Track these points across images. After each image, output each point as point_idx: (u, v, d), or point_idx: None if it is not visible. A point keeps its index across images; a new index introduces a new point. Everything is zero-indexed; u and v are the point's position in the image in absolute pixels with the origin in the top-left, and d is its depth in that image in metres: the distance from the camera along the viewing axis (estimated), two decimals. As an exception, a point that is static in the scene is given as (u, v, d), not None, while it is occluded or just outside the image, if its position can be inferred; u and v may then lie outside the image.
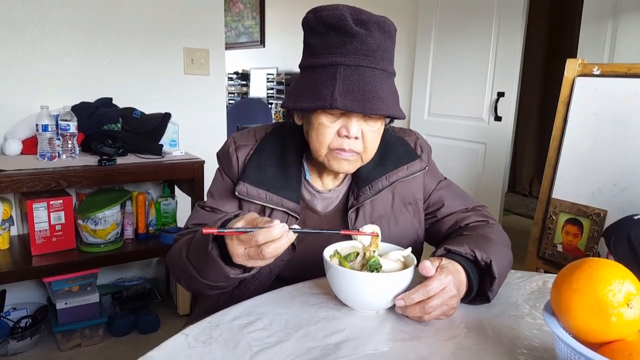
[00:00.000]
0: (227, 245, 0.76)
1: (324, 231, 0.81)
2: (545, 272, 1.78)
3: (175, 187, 2.36)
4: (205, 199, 1.08)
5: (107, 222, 2.02)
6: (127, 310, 2.22)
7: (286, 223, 0.96)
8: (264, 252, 0.72)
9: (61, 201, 1.96)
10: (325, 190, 1.03)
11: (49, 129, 1.90)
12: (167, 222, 2.26)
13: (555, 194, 1.77)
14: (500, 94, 2.93)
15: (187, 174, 2.08)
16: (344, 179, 1.04)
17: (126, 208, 2.13)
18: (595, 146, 1.68)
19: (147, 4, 2.30)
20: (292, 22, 4.82)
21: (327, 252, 0.83)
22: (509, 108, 2.92)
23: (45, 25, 2.08)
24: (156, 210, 2.23)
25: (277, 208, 0.97)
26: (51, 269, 1.91)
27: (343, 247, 0.86)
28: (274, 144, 1.03)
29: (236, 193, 0.97)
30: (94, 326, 2.10)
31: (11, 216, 2.03)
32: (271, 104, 4.96)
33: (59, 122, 1.94)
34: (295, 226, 0.76)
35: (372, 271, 0.78)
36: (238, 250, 0.75)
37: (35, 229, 1.92)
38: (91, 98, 2.20)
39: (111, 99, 2.23)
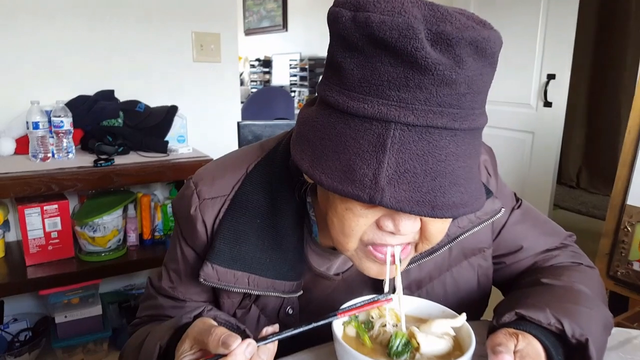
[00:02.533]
0: None
1: (311, 326, 0.53)
2: (613, 293, 1.48)
3: (185, 186, 2.15)
4: (161, 276, 0.76)
5: (106, 229, 1.82)
6: (134, 323, 2.04)
7: (283, 303, 0.68)
8: None
9: (56, 206, 1.76)
10: None
11: (40, 127, 1.72)
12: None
13: (631, 200, 1.45)
14: (551, 77, 2.58)
15: (195, 174, 1.86)
16: None
17: (129, 212, 1.93)
18: (684, 141, 1.36)
19: (150, -16, 2.07)
20: (317, 2, 4.51)
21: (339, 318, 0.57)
22: (560, 92, 2.57)
23: (37, 12, 1.87)
24: (163, 213, 2.02)
25: (267, 294, 0.67)
26: (47, 280, 1.73)
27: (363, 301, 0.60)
28: (258, 193, 0.67)
29: (201, 280, 0.65)
30: (97, 340, 1.93)
31: (6, 221, 1.86)
32: (294, 91, 4.69)
33: (52, 118, 1.75)
34: (268, 329, 0.51)
35: (403, 356, 0.52)
36: None
37: (29, 237, 1.74)
38: (90, 91, 2.00)
39: (112, 91, 2.03)
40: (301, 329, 0.52)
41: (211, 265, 0.64)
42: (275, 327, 0.53)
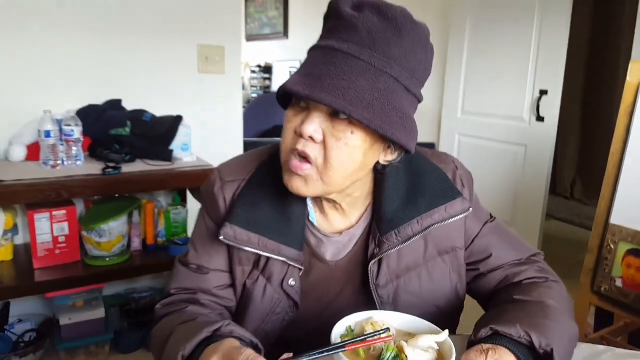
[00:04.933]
0: None
1: (326, 353, 0.60)
2: (598, 309, 1.56)
3: (188, 192, 2.21)
4: (188, 252, 0.88)
5: (112, 234, 1.88)
6: (135, 325, 2.10)
7: (286, 274, 0.79)
8: None
9: (65, 211, 1.83)
10: (335, 234, 0.84)
11: (52, 135, 1.77)
12: (177, 232, 2.11)
13: (615, 219, 1.52)
14: (543, 92, 2.66)
15: (198, 182, 1.90)
16: (360, 217, 0.84)
17: (133, 218, 1.99)
18: (665, 164, 1.44)
19: (158, -1, 2.14)
20: (317, 13, 4.58)
21: (338, 328, 0.65)
22: (552, 107, 2.65)
23: (50, 23, 1.93)
24: (166, 219, 2.09)
25: (274, 257, 0.79)
26: (54, 283, 1.79)
27: (359, 320, 0.67)
28: (270, 176, 0.82)
29: (221, 237, 0.77)
30: (99, 342, 1.99)
31: (15, 225, 1.92)
32: (295, 99, 4.78)
33: (63, 127, 1.81)
34: (284, 356, 0.59)
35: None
36: None
37: (38, 241, 1.79)
38: (100, 100, 2.06)
39: (120, 100, 2.09)
40: (313, 357, 0.59)
41: (230, 226, 0.77)
42: (290, 355, 0.60)
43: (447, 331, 0.64)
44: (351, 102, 0.65)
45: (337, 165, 0.70)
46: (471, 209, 0.82)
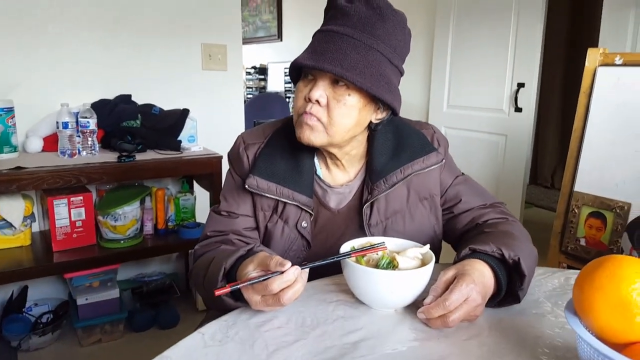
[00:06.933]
0: (243, 294, 0.76)
1: (336, 258, 0.78)
2: (568, 266, 1.75)
3: (194, 182, 2.37)
4: (220, 203, 1.06)
5: (126, 218, 2.04)
6: (147, 306, 2.24)
7: (300, 217, 0.98)
8: (281, 299, 0.72)
9: (81, 197, 1.97)
10: (337, 185, 1.02)
11: (69, 127, 1.91)
12: (186, 218, 2.27)
13: (578, 187, 1.72)
14: (521, 85, 2.87)
15: (206, 169, 2.09)
16: (357, 173, 1.03)
17: (145, 204, 2.15)
18: (618, 137, 1.64)
19: (165, 1, 2.30)
20: (310, 15, 4.79)
21: (344, 248, 0.83)
22: (529, 99, 2.86)
23: (64, 23, 2.09)
24: (175, 205, 2.25)
25: (289, 202, 0.97)
26: (72, 264, 1.94)
27: (360, 243, 0.85)
28: (284, 139, 1.01)
29: (246, 186, 0.95)
30: (114, 321, 2.11)
31: (33, 213, 2.06)
32: (289, 97, 4.95)
33: (79, 119, 1.95)
34: (306, 263, 0.76)
35: (388, 269, 0.77)
36: (255, 299, 0.75)
37: (56, 225, 1.94)
38: (111, 95, 2.22)
39: (130, 95, 2.25)
40: (327, 261, 0.77)
41: (253, 177, 0.96)
42: (306, 263, 0.77)
43: (428, 245, 0.82)
44: (347, 69, 0.83)
45: (339, 121, 0.88)
46: (444, 161, 1.01)
